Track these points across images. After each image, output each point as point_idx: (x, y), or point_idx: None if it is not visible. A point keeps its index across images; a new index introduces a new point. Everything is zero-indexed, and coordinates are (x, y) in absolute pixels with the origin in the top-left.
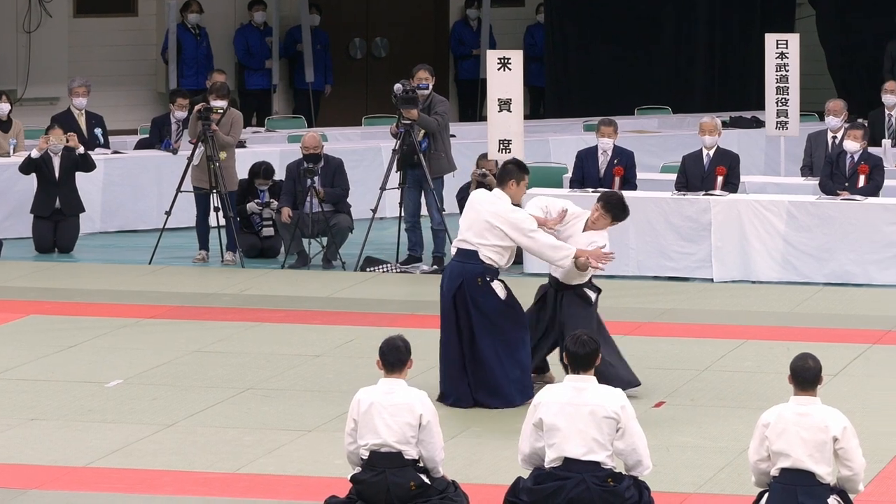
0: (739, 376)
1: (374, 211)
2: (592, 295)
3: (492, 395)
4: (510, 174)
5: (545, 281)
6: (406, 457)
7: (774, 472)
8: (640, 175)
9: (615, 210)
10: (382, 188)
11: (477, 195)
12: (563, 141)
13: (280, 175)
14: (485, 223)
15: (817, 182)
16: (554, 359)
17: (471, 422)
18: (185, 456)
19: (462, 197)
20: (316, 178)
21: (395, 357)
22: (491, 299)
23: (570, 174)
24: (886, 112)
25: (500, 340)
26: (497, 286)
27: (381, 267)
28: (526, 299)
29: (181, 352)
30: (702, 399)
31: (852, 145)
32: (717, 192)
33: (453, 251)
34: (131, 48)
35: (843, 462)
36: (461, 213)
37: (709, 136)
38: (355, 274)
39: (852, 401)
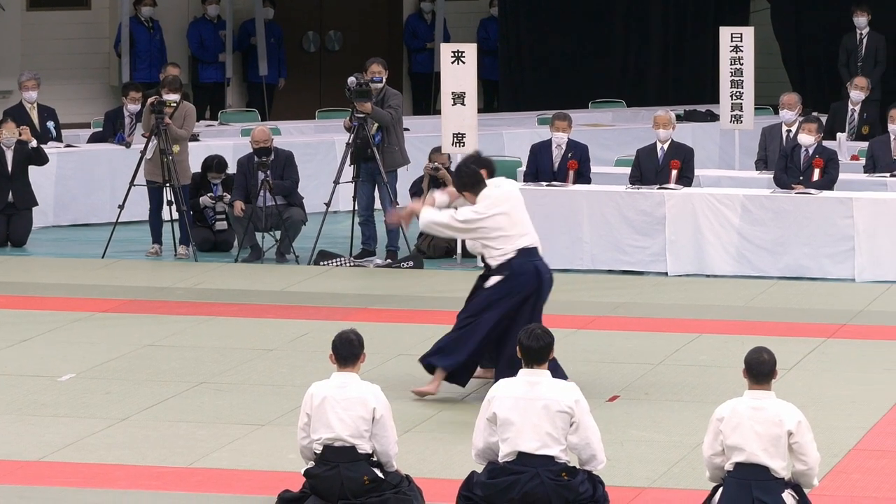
0: (694, 370)
1: (328, 205)
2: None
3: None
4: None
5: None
6: (359, 451)
7: (729, 466)
8: (594, 169)
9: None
10: (336, 182)
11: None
12: (517, 134)
13: (232, 169)
14: None
15: (772, 176)
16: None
17: (425, 416)
18: (138, 450)
19: (415, 191)
20: (268, 172)
21: (347, 351)
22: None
23: (524, 168)
24: (850, 107)
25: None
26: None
27: (334, 261)
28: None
29: (134, 346)
30: (656, 393)
31: (807, 139)
32: (672, 185)
33: (524, 245)
34: (84, 41)
35: (798, 456)
36: None
37: (663, 129)
38: (309, 268)
39: (807, 395)
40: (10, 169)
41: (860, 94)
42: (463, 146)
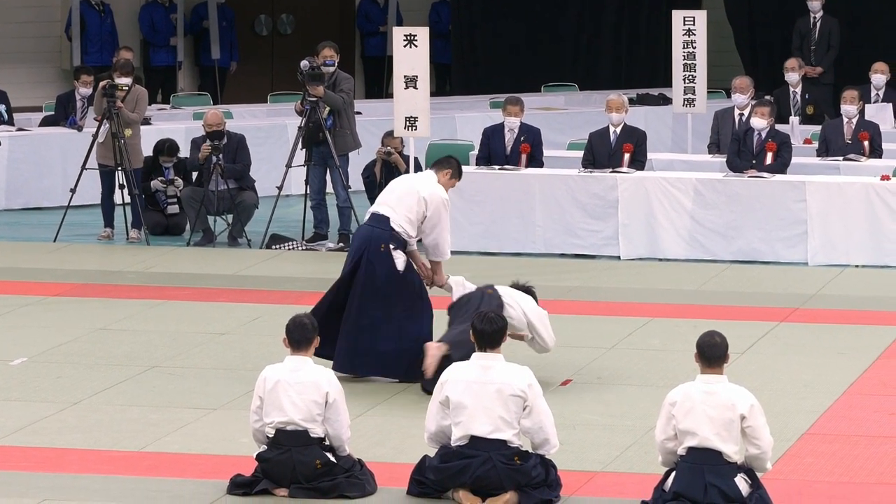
0: (646, 354)
1: (280, 188)
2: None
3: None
4: (451, 166)
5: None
6: (312, 435)
7: (681, 450)
8: (546, 152)
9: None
10: (288, 165)
11: (415, 175)
12: (470, 118)
13: (185, 153)
14: (416, 193)
15: (724, 159)
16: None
17: (377, 400)
18: (89, 434)
19: (368, 175)
20: (220, 155)
21: (300, 335)
22: (387, 268)
23: (476, 151)
24: (791, 90)
25: (387, 309)
26: (398, 256)
27: (286, 244)
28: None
29: (86, 329)
30: (608, 377)
31: (759, 122)
32: (624, 169)
33: (366, 217)
34: (35, 25)
35: (751, 440)
36: (366, 190)
37: (615, 113)
38: (261, 251)
39: (760, 379)
40: None
41: (795, 76)
42: (415, 130)
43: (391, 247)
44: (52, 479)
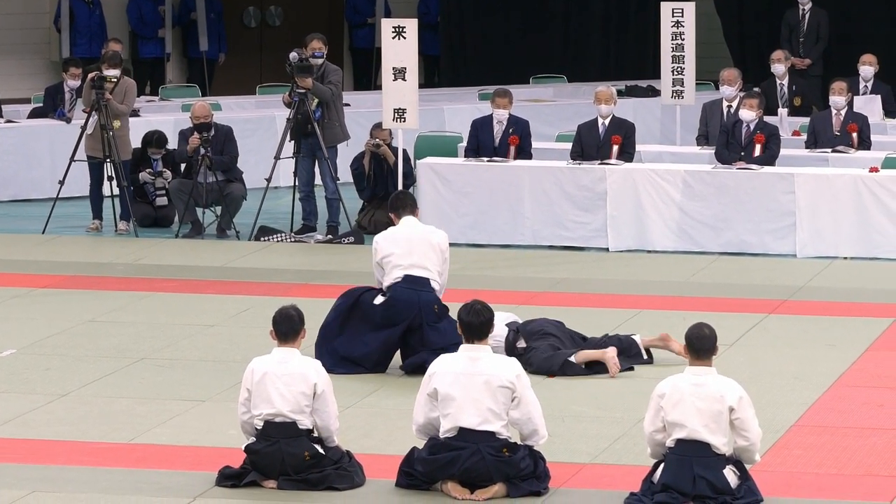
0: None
1: (269, 180)
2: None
3: None
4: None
5: None
6: (300, 426)
7: (670, 442)
8: (535, 144)
9: None
10: (276, 157)
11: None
12: (458, 110)
13: (173, 145)
14: (435, 245)
15: (713, 151)
16: None
17: (366, 391)
18: (78, 426)
19: (357, 167)
20: (208, 147)
21: (288, 327)
22: (445, 320)
23: (465, 143)
24: (778, 82)
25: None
26: (443, 309)
27: (275, 236)
28: None
29: (74, 321)
30: (597, 369)
31: (748, 114)
32: (613, 161)
33: (398, 279)
34: (24, 17)
35: (740, 432)
36: (354, 182)
37: (604, 105)
38: (249, 243)
39: (748, 371)
40: None
41: (780, 67)
42: (404, 122)
43: (437, 307)
44: (40, 471)
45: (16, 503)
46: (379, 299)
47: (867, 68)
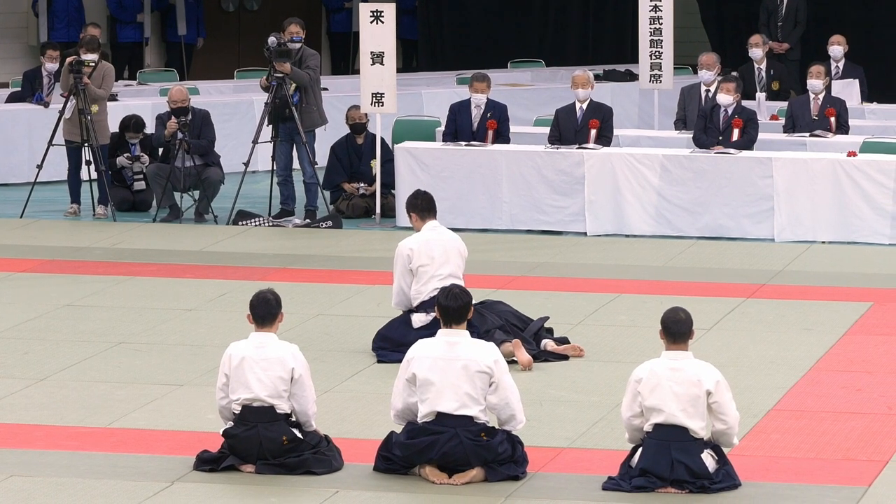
0: (613, 330)
1: (247, 164)
2: None
3: None
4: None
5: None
6: (278, 411)
7: (648, 427)
8: (513, 128)
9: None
10: (255, 142)
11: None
12: (436, 94)
13: (151, 129)
14: (459, 251)
15: (691, 136)
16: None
17: (343, 376)
18: (56, 410)
19: (338, 154)
20: (185, 132)
21: (265, 311)
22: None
23: (443, 127)
24: (756, 66)
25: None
26: None
27: (253, 220)
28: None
29: (52, 306)
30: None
31: (725, 98)
32: (591, 145)
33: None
34: (1, 1)
35: (717, 416)
36: (327, 174)
37: (582, 89)
38: (227, 227)
39: (726, 355)
40: None
41: (759, 52)
42: (382, 106)
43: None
44: (18, 455)
45: None
46: (418, 320)
47: (836, 48)
